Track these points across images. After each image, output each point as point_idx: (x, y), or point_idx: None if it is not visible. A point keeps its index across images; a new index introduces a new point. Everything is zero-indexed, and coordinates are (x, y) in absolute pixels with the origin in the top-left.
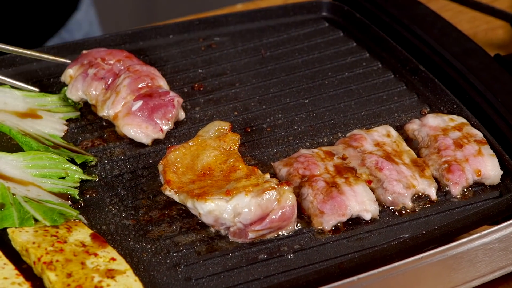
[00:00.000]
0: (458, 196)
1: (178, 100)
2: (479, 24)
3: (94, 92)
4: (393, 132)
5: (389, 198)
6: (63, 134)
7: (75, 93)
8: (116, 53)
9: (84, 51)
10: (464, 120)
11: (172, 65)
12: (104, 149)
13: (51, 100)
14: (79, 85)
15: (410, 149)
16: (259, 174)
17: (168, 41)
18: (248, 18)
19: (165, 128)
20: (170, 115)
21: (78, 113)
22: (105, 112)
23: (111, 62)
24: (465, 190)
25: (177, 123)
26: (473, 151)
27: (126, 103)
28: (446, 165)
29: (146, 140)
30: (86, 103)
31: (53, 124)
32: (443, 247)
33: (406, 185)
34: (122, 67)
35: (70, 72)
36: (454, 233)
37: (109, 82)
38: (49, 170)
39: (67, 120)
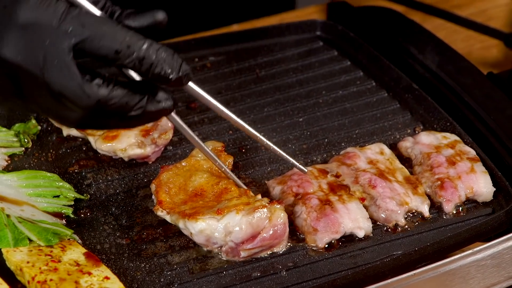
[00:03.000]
0: (450, 213)
1: None
2: (473, 43)
3: None
4: (386, 150)
5: (382, 215)
6: (1, 169)
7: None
8: None
9: None
10: (457, 138)
11: None
12: (99, 168)
13: None
14: None
15: (403, 166)
16: (250, 195)
17: None
18: (243, 38)
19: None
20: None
21: (23, 149)
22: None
23: None
24: (458, 207)
25: (172, 142)
26: (465, 168)
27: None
28: (439, 182)
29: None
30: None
31: None
32: (436, 263)
33: (399, 202)
34: None
35: None
36: (447, 249)
37: None
38: (43, 189)
39: (9, 156)
